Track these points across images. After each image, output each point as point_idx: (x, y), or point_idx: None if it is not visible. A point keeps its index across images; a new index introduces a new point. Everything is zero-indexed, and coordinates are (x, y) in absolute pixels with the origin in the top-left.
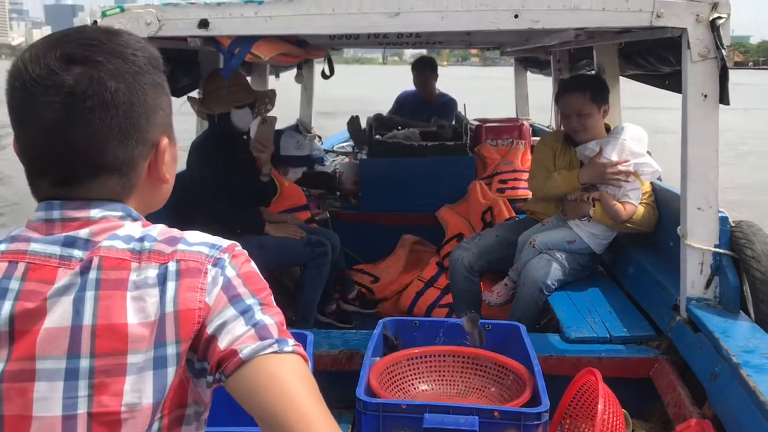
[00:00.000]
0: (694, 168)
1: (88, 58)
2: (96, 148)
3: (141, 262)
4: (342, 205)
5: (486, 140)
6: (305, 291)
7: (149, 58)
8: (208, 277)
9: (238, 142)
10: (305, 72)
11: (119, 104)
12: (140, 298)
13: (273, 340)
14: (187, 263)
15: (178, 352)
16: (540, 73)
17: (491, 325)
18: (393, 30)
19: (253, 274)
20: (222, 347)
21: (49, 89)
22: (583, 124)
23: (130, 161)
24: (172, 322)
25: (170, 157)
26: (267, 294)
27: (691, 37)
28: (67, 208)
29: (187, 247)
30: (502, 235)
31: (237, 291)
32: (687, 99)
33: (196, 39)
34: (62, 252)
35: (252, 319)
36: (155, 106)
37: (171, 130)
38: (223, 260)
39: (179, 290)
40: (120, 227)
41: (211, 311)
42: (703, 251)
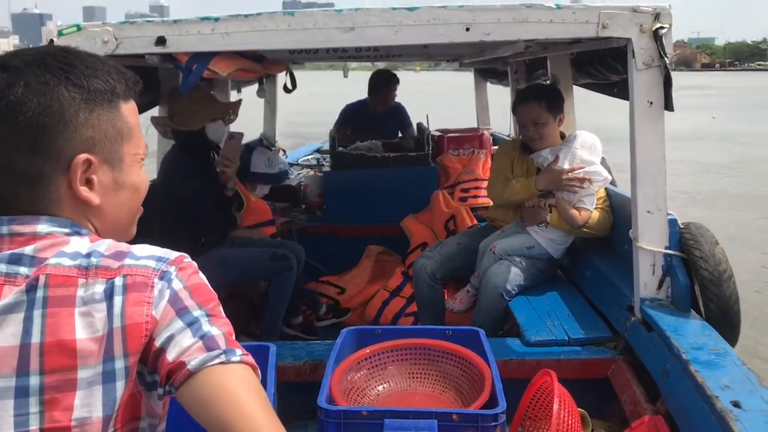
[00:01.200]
0: (643, 172)
1: (10, 65)
2: (6, 152)
3: (88, 278)
4: (307, 217)
5: (448, 150)
6: (270, 305)
7: (94, 77)
8: (154, 291)
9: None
10: (267, 86)
11: (27, 111)
12: (88, 314)
13: (220, 351)
14: (134, 277)
15: (127, 366)
16: (499, 83)
17: (451, 331)
18: (348, 45)
19: (200, 286)
20: (170, 359)
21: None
22: (540, 133)
23: (39, 173)
24: (120, 337)
25: (109, 181)
26: (215, 305)
27: (635, 46)
28: (15, 223)
29: (133, 261)
30: (463, 243)
31: (184, 303)
32: (633, 106)
33: (153, 56)
34: (8, 269)
35: (199, 331)
36: (77, 123)
37: (111, 154)
38: (169, 273)
39: (126, 305)
40: (66, 243)
41: (158, 324)
42: (654, 253)
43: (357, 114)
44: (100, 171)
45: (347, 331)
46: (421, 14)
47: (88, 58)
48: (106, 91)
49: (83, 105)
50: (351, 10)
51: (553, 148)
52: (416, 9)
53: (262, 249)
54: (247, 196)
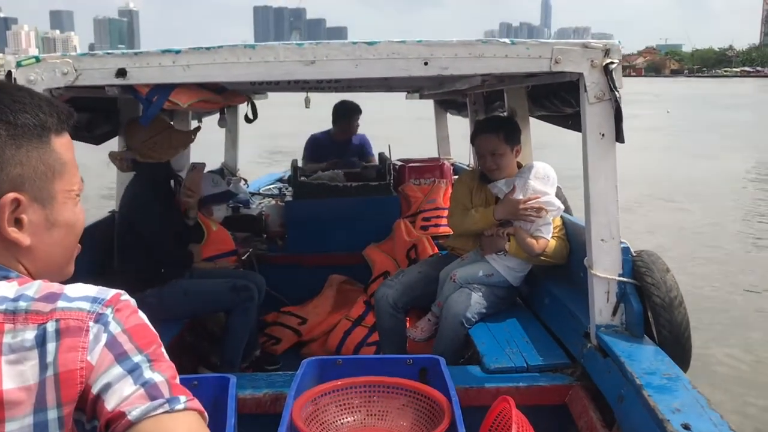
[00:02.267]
0: (596, 202)
1: None
2: None
3: (16, 324)
4: (268, 247)
5: (409, 179)
6: (231, 336)
7: (23, 112)
8: (90, 335)
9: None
10: (228, 116)
11: None
12: (17, 362)
13: (164, 400)
14: (67, 322)
15: (60, 416)
16: (458, 114)
17: (412, 360)
18: (309, 77)
19: (140, 328)
20: (109, 408)
21: None
22: (497, 163)
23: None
24: (53, 386)
25: (41, 220)
26: (156, 347)
27: (587, 81)
28: None
29: (67, 303)
30: (424, 271)
31: (123, 348)
32: (586, 138)
33: (113, 88)
34: None
35: (140, 378)
36: (3, 159)
37: (41, 191)
38: (105, 316)
39: (59, 351)
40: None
41: (94, 370)
42: (608, 280)
43: (321, 144)
44: (30, 210)
45: (308, 361)
46: (381, 49)
47: (16, 92)
48: (35, 126)
49: (10, 141)
50: (312, 44)
51: (508, 179)
52: (376, 43)
53: (223, 280)
54: (208, 226)
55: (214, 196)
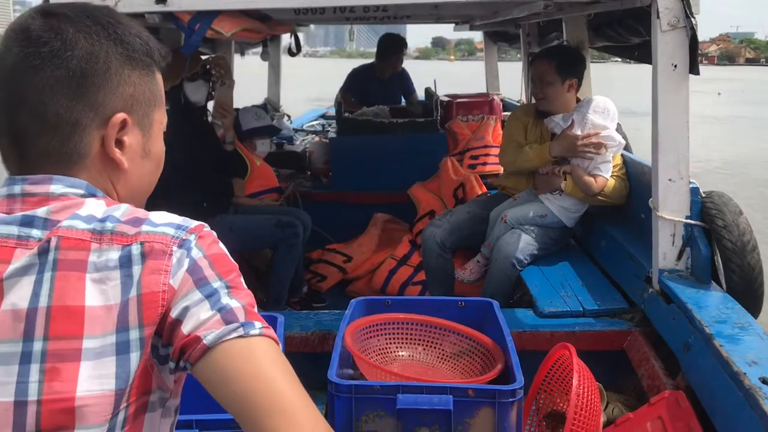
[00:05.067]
0: (665, 139)
1: (58, 12)
2: (40, 99)
3: (102, 244)
4: (313, 184)
5: (457, 116)
6: (277, 273)
7: (137, 37)
8: (173, 259)
9: (195, 115)
10: (271, 49)
11: (73, 58)
12: (100, 281)
13: (238, 324)
14: (152, 245)
15: (142, 337)
16: (509, 47)
17: (464, 302)
18: (357, 3)
19: (221, 256)
20: (185, 332)
21: (15, 37)
22: (544, 92)
23: (74, 123)
24: (135, 307)
25: (139, 146)
26: (235, 276)
27: (660, 6)
28: (28, 182)
29: (151, 228)
30: (473, 211)
31: (203, 273)
32: (657, 69)
33: (154, 15)
34: (20, 232)
35: (218, 303)
36: (121, 77)
37: (144, 118)
38: (189, 241)
39: (143, 273)
40: (81, 206)
41: (176, 294)
42: (674, 223)
43: (363, 78)
44: (131, 134)
45: (356, 301)
46: None
47: (131, 22)
48: (146, 54)
49: (127, 62)
50: None
51: (566, 114)
52: None
53: (269, 216)
54: (251, 160)
55: (257, 129)
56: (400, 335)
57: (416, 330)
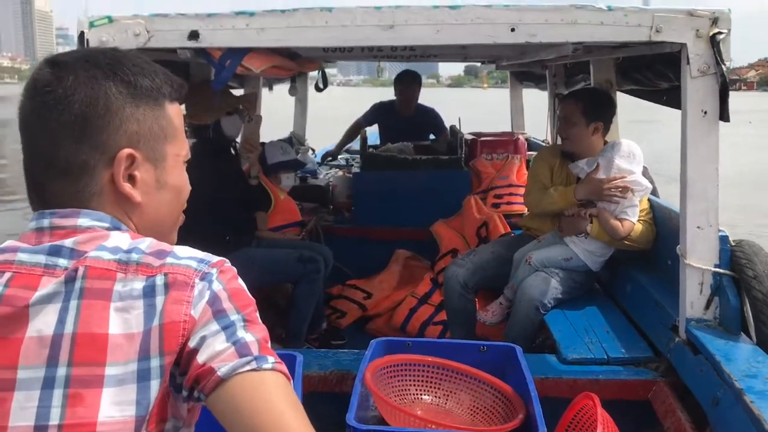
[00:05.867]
0: (694, 185)
1: (61, 61)
2: (50, 145)
3: (127, 274)
4: (335, 218)
5: (481, 154)
6: (297, 308)
7: (140, 75)
8: (194, 291)
9: (229, 151)
10: (299, 84)
11: (75, 103)
12: (124, 310)
13: (252, 357)
14: (175, 276)
15: (162, 365)
16: (536, 87)
17: (486, 347)
18: (387, 43)
19: (239, 291)
20: (200, 362)
21: (27, 89)
22: (568, 133)
23: (82, 165)
24: (157, 335)
25: (151, 180)
26: (252, 310)
27: (690, 52)
28: (56, 216)
29: (175, 260)
30: (497, 252)
31: (222, 306)
32: (686, 115)
33: (186, 50)
34: (47, 261)
35: (233, 336)
36: (123, 117)
37: (154, 152)
38: (210, 275)
39: (166, 303)
40: (107, 237)
41: (195, 324)
42: (702, 271)
43: (386, 113)
44: (142, 168)
45: (377, 342)
46: (465, 13)
47: (135, 58)
48: (152, 89)
49: (129, 100)
50: (391, 8)
51: (590, 159)
52: (459, 8)
53: (290, 250)
54: (275, 194)
55: (282, 163)
56: (421, 378)
57: (437, 373)
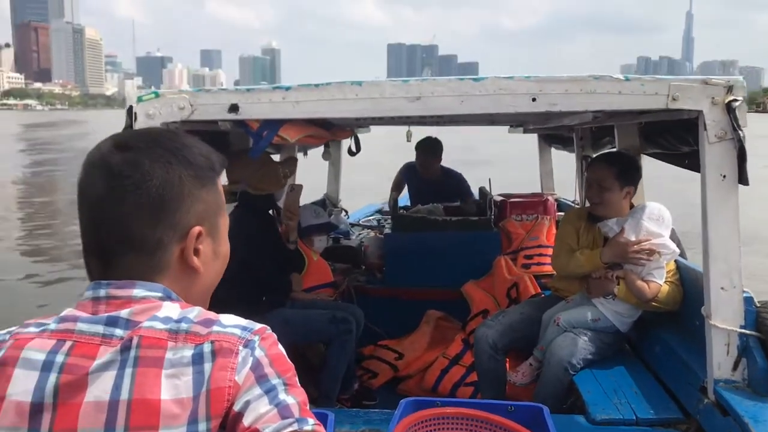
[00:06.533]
0: (716, 248)
1: (133, 145)
2: (126, 224)
3: (177, 342)
4: (367, 279)
5: (511, 215)
6: (329, 368)
7: (199, 155)
8: (239, 358)
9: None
10: (332, 149)
11: (152, 187)
12: (175, 376)
13: (293, 419)
14: (221, 344)
15: (209, 429)
16: (564, 149)
17: (514, 407)
18: (414, 114)
19: (280, 356)
20: (246, 424)
21: (98, 170)
22: (601, 197)
23: (158, 242)
24: (205, 401)
25: (209, 250)
26: (291, 374)
27: (707, 119)
28: (112, 287)
29: (221, 328)
30: (526, 312)
31: (264, 371)
32: (706, 179)
33: (226, 122)
34: (105, 331)
35: (276, 399)
36: (192, 197)
37: (213, 226)
38: (253, 342)
39: (213, 370)
40: (159, 308)
41: (240, 389)
42: (728, 332)
43: (413, 175)
44: (205, 242)
45: (406, 401)
46: (487, 85)
47: (192, 141)
48: (209, 169)
49: (196, 182)
50: (417, 80)
51: (619, 219)
52: (482, 79)
53: (323, 311)
54: (309, 256)
55: (315, 226)
56: None
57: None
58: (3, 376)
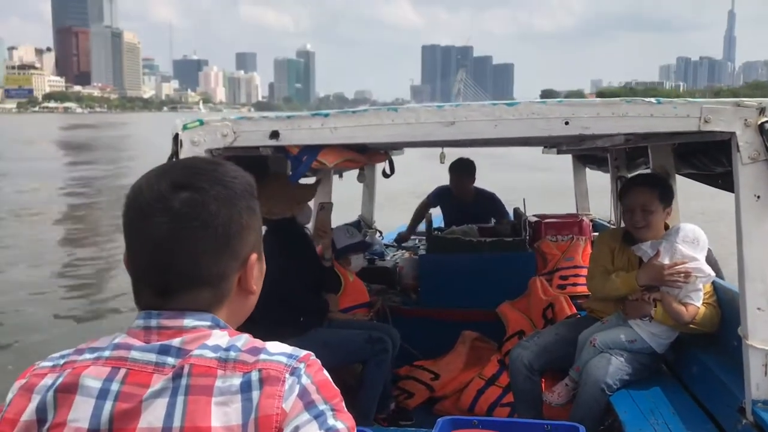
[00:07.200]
0: (751, 268)
1: (193, 185)
2: (194, 262)
3: (227, 371)
4: (402, 300)
5: (546, 236)
6: (366, 388)
7: (245, 185)
8: (285, 385)
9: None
10: (367, 171)
11: (218, 225)
12: (224, 404)
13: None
14: (268, 372)
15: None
16: (598, 169)
17: (550, 426)
18: (448, 138)
19: (326, 382)
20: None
21: (159, 211)
22: (647, 220)
23: (223, 275)
24: (253, 428)
25: (258, 271)
26: (339, 401)
27: (740, 140)
28: (163, 317)
29: (268, 356)
30: (561, 333)
31: (311, 398)
32: (739, 200)
33: (267, 148)
34: (157, 359)
35: (325, 424)
36: (248, 227)
37: (260, 247)
38: (299, 369)
39: (261, 397)
40: (209, 336)
41: (287, 416)
42: (766, 352)
43: (447, 197)
44: (257, 266)
45: (443, 420)
46: (521, 109)
47: (235, 169)
48: (253, 197)
49: (251, 213)
50: (452, 106)
51: (654, 242)
52: (516, 104)
53: (360, 331)
54: (345, 276)
55: (350, 246)
56: None
57: None
58: (66, 402)
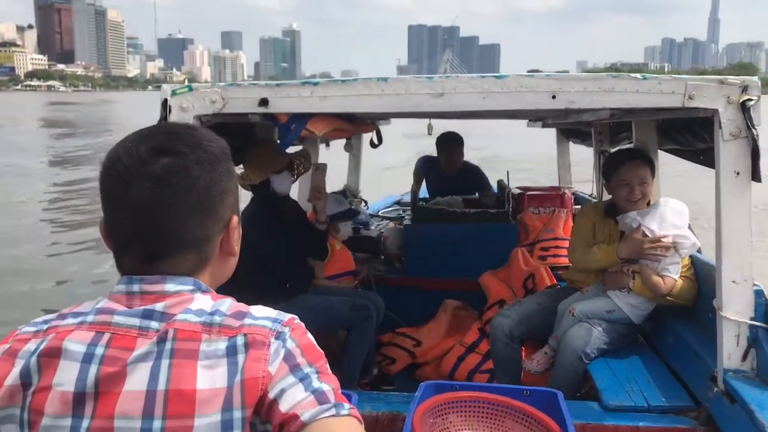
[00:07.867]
0: (728, 242)
1: (174, 150)
2: (178, 226)
3: (212, 335)
4: (387, 269)
5: (528, 208)
6: (350, 354)
7: (222, 149)
8: (271, 349)
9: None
10: (354, 141)
11: (200, 189)
12: (210, 367)
13: (331, 404)
14: (253, 336)
15: (244, 416)
16: (582, 143)
17: (529, 392)
18: (437, 110)
19: (310, 345)
20: (283, 410)
21: (140, 176)
22: (644, 192)
23: (206, 238)
24: (239, 390)
25: (238, 234)
26: (323, 363)
27: (722, 117)
28: (145, 282)
29: (252, 321)
30: (542, 303)
31: (297, 361)
32: (720, 175)
33: (256, 115)
34: (141, 324)
35: (311, 386)
36: (227, 189)
37: (238, 209)
38: (284, 333)
39: (246, 361)
40: (192, 300)
41: (273, 379)
42: (738, 323)
43: (432, 168)
44: (238, 227)
45: (426, 384)
46: (509, 82)
47: (215, 136)
48: (229, 160)
49: (229, 176)
50: (441, 77)
51: (640, 211)
52: (504, 77)
53: (345, 298)
54: (332, 244)
55: (338, 214)
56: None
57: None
58: (50, 366)
